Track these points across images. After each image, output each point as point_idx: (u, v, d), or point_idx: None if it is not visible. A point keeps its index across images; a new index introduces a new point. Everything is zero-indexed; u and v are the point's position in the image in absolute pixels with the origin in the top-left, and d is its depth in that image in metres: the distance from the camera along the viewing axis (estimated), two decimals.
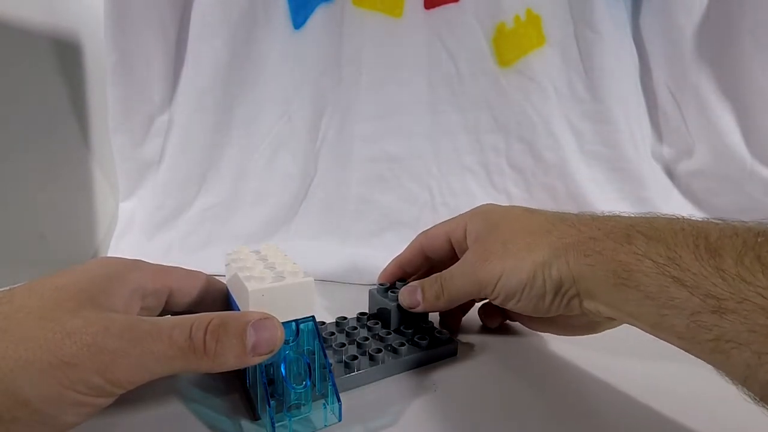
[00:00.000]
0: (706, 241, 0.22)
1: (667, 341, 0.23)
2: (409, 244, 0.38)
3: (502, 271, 0.28)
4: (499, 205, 0.34)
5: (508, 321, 0.38)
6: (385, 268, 0.39)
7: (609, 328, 0.32)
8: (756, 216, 0.57)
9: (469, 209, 0.35)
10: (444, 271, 0.32)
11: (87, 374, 0.19)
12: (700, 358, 0.21)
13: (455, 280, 0.31)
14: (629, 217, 0.26)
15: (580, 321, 0.31)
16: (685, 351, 0.22)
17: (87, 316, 0.20)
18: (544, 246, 0.27)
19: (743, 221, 0.23)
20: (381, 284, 0.37)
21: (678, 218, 0.25)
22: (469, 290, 0.31)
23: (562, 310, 0.28)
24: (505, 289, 0.28)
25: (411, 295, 0.33)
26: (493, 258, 0.29)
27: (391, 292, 0.36)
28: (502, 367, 0.32)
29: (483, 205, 0.35)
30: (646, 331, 0.23)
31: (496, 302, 0.30)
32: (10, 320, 0.20)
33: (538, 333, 0.37)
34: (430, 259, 0.37)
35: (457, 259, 0.33)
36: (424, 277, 0.34)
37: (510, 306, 0.29)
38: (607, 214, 0.28)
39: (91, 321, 0.20)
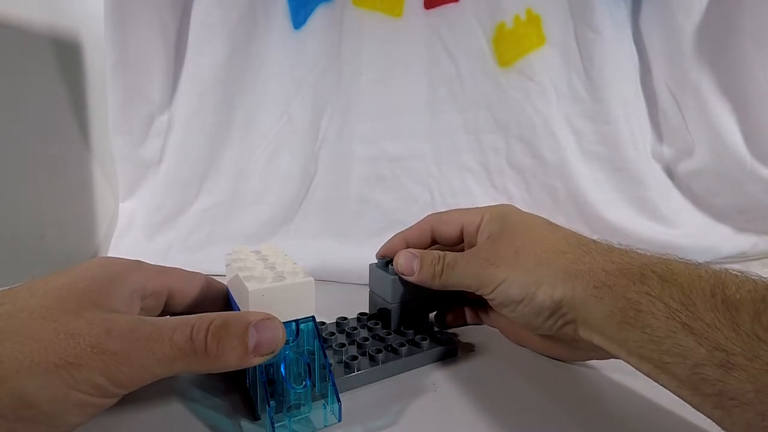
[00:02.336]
0: (724, 292, 0.21)
1: (665, 386, 0.22)
2: (418, 221, 0.37)
3: (506, 277, 0.28)
4: (521, 210, 0.33)
5: (488, 326, 0.38)
6: (389, 241, 0.37)
7: (595, 359, 0.31)
8: (756, 215, 0.57)
9: (486, 205, 0.35)
10: (449, 254, 0.31)
11: (91, 375, 0.19)
12: (698, 410, 0.20)
13: (458, 269, 0.31)
14: (646, 255, 0.26)
15: (565, 344, 0.30)
16: (683, 400, 0.21)
17: (89, 317, 0.20)
18: (554, 265, 0.27)
19: (762, 277, 0.22)
20: (381, 257, 0.36)
21: (696, 264, 0.24)
22: (468, 283, 0.30)
23: (553, 332, 0.27)
24: (503, 295, 0.28)
25: (407, 262, 0.32)
26: (500, 262, 0.29)
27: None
28: (502, 367, 0.32)
29: (504, 205, 0.34)
30: (642, 372, 0.23)
31: (490, 303, 0.30)
32: (12, 320, 0.20)
33: (474, 303, 0.37)
34: (436, 243, 0.37)
35: (462, 249, 0.33)
36: None
37: (502, 312, 0.29)
38: (624, 247, 0.27)
39: (93, 322, 0.20)
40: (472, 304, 0.38)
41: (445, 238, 0.35)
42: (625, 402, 0.28)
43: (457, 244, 0.35)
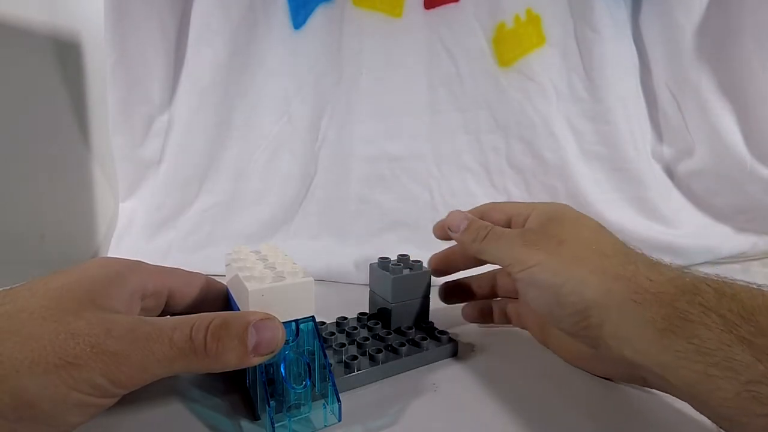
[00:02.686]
0: None
1: (695, 406, 0.21)
2: (476, 207, 0.37)
3: (540, 261, 0.27)
4: (574, 210, 0.32)
5: (509, 325, 0.37)
6: (442, 221, 0.37)
7: (611, 377, 0.30)
8: (756, 215, 0.57)
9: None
10: (498, 228, 0.31)
11: (91, 375, 0.19)
12: (738, 431, 0.19)
13: (501, 241, 0.30)
14: (699, 273, 0.24)
15: (588, 353, 0.29)
16: (717, 422, 0.20)
17: (89, 318, 0.20)
18: (593, 265, 0.26)
19: None
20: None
21: (756, 285, 0.22)
22: (501, 256, 0.30)
23: (572, 330, 0.26)
24: (531, 277, 0.27)
25: (457, 220, 0.33)
26: (540, 247, 0.28)
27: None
28: (502, 367, 0.32)
29: (559, 203, 0.33)
30: (668, 391, 0.22)
31: (517, 285, 0.29)
32: (13, 320, 0.20)
33: (501, 301, 0.37)
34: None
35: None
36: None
37: (526, 295, 0.29)
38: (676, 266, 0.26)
39: (93, 322, 0.20)
40: (501, 301, 0.38)
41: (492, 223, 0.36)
42: (627, 402, 0.28)
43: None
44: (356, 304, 0.38)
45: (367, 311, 0.37)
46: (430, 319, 0.36)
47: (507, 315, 0.37)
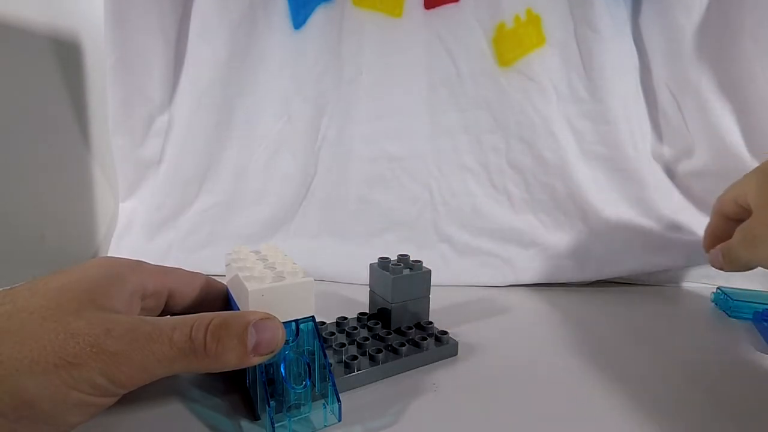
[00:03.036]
0: None
1: None
2: (711, 210, 0.40)
3: None
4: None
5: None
6: (703, 239, 0.41)
7: None
8: None
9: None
10: (725, 243, 0.33)
11: (91, 374, 0.19)
12: None
13: (734, 252, 0.32)
14: None
15: None
16: None
17: (89, 317, 0.20)
18: None
19: None
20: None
21: None
22: (748, 262, 0.31)
23: None
24: None
25: (714, 258, 0.36)
26: None
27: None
28: (502, 367, 0.32)
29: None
30: None
31: None
32: (13, 320, 0.20)
33: (539, 333, 0.36)
34: (736, 221, 0.36)
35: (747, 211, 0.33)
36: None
37: None
38: None
39: (93, 322, 0.20)
40: None
41: (730, 217, 0.37)
42: (627, 402, 0.28)
43: (744, 217, 0.35)
44: (356, 304, 0.38)
45: (367, 311, 0.37)
46: (430, 319, 0.36)
47: None
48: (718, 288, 0.47)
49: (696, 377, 0.32)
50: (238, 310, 0.27)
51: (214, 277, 0.31)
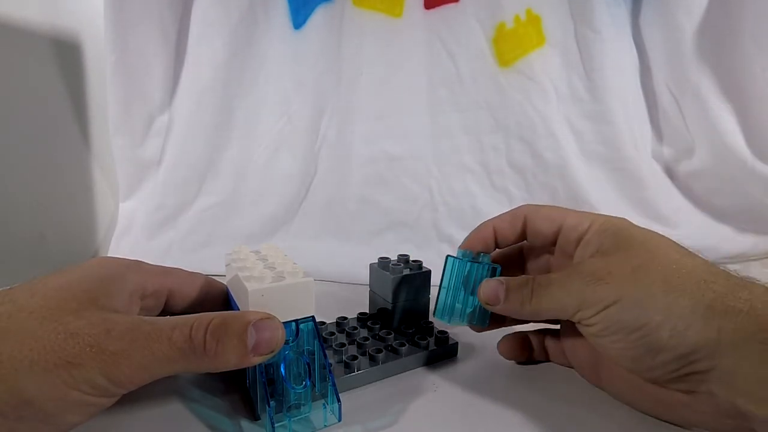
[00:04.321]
0: None
1: None
2: (512, 209, 0.31)
3: (619, 297, 0.22)
4: (639, 226, 0.26)
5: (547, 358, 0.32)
6: (475, 230, 0.32)
7: (690, 426, 0.24)
8: (756, 216, 0.57)
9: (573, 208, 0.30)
10: (539, 276, 0.26)
11: (91, 374, 0.19)
12: None
13: (552, 289, 0.25)
14: None
15: (673, 400, 0.24)
16: None
17: (89, 317, 0.20)
18: (692, 295, 0.21)
19: None
20: (467, 249, 0.32)
21: None
22: (564, 305, 0.24)
23: (667, 378, 0.22)
24: (612, 320, 0.22)
25: (493, 290, 0.27)
26: (611, 279, 0.23)
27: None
28: (502, 367, 0.32)
29: (619, 218, 0.27)
30: None
31: (586, 331, 0.24)
32: (12, 320, 0.20)
33: (539, 332, 0.34)
34: (525, 239, 0.31)
35: (549, 258, 0.29)
36: (506, 255, 0.32)
37: (603, 343, 0.23)
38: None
39: (93, 322, 0.20)
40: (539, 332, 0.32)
41: (537, 235, 0.30)
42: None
43: (548, 246, 0.30)
44: (356, 304, 0.38)
45: (367, 311, 0.37)
46: (430, 319, 0.36)
47: (546, 351, 0.32)
48: None
49: None
50: (238, 310, 0.27)
51: (214, 277, 0.31)
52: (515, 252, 0.33)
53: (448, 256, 0.32)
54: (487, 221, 0.32)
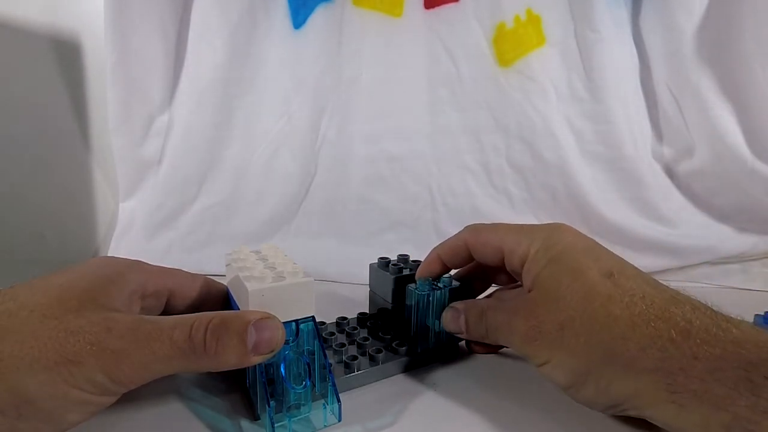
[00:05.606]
0: None
1: None
2: (454, 235, 0.32)
3: (549, 359, 0.25)
4: (574, 245, 0.27)
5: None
6: (425, 260, 0.33)
7: None
8: (756, 216, 0.57)
9: (507, 221, 0.31)
10: (489, 312, 0.28)
11: (91, 373, 0.19)
12: None
13: (500, 331, 0.28)
14: (743, 344, 0.20)
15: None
16: None
17: (90, 316, 0.20)
18: (611, 355, 0.22)
19: None
20: (422, 278, 0.33)
21: None
22: (513, 348, 0.27)
23: (607, 413, 0.24)
24: (548, 377, 0.25)
25: (454, 322, 0.30)
26: (542, 338, 0.25)
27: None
28: (503, 368, 0.32)
29: (556, 230, 0.28)
30: None
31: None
32: (13, 318, 0.20)
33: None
34: (473, 259, 0.32)
35: (506, 269, 0.30)
36: (469, 271, 0.33)
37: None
38: (707, 313, 0.22)
39: (94, 321, 0.20)
40: None
41: (483, 259, 0.31)
42: None
43: (499, 266, 0.30)
44: (356, 304, 0.38)
45: (367, 311, 0.37)
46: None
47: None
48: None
49: None
50: (239, 310, 0.27)
51: (214, 277, 0.31)
52: (477, 265, 0.33)
53: (407, 286, 0.33)
54: (432, 250, 0.33)
